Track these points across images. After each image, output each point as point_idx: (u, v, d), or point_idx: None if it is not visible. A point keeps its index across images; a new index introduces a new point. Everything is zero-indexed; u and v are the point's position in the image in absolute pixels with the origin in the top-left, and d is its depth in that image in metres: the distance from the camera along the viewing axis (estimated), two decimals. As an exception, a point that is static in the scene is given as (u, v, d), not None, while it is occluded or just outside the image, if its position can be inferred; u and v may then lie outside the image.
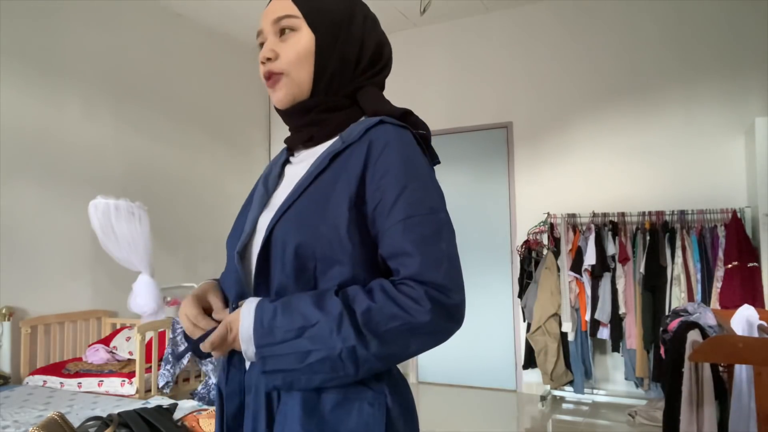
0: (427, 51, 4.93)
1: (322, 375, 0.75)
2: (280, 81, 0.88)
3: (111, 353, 3.36)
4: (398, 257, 0.77)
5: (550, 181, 4.41)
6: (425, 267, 0.75)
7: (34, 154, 3.42)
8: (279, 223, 0.83)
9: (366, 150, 0.82)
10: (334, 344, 0.73)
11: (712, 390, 2.16)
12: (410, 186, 0.80)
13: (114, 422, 1.95)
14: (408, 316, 0.73)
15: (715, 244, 3.61)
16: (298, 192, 0.83)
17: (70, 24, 3.66)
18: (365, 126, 0.84)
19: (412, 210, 0.78)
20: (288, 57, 0.87)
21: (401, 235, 0.77)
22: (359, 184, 0.80)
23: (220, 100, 4.91)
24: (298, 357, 0.74)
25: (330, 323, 0.73)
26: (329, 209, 0.80)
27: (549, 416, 3.87)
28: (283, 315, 0.76)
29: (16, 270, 3.26)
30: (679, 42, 4.04)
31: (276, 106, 0.91)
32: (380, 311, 0.73)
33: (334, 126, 0.89)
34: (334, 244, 0.79)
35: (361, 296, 0.75)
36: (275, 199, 0.91)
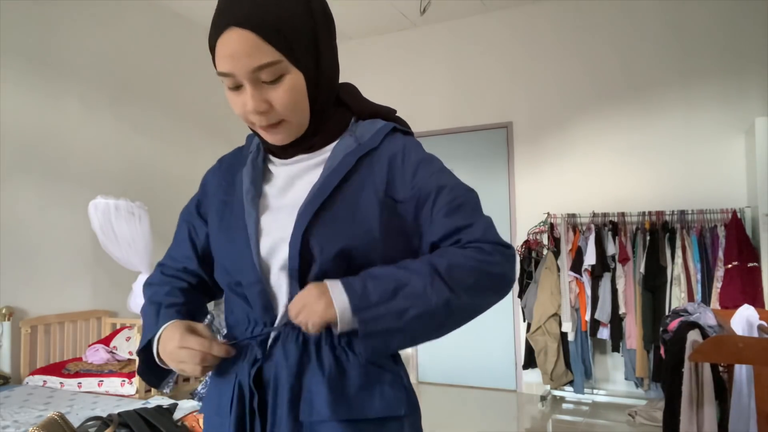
0: (427, 51, 4.93)
1: (419, 330, 0.79)
2: (280, 126, 0.83)
3: (111, 353, 3.36)
4: (455, 233, 0.84)
5: (550, 181, 4.41)
6: (484, 231, 0.84)
7: (34, 154, 3.42)
8: (315, 228, 0.81)
9: (389, 156, 0.88)
10: (429, 299, 0.78)
11: (712, 390, 2.15)
12: (441, 176, 0.88)
13: (114, 422, 1.95)
14: (487, 266, 0.81)
15: (715, 244, 3.61)
16: (325, 194, 0.83)
17: (70, 24, 3.66)
18: (381, 132, 0.90)
19: (453, 194, 0.85)
20: (284, 106, 0.81)
21: (453, 215, 0.84)
22: (387, 188, 0.85)
23: (220, 100, 4.90)
24: (397, 315, 0.77)
25: (423, 280, 0.78)
26: (361, 211, 0.83)
27: (549, 416, 3.87)
28: (373, 281, 0.78)
29: (16, 270, 3.26)
30: (678, 42, 4.04)
31: (276, 143, 0.87)
32: (463, 266, 0.80)
33: (333, 130, 0.90)
34: (369, 245, 0.83)
35: (437, 258, 0.81)
36: (281, 202, 0.88)
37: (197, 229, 0.98)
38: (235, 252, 0.86)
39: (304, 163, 0.90)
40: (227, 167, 0.97)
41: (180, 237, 1.00)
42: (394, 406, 0.84)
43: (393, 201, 0.85)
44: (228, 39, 0.77)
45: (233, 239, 0.87)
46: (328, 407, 0.79)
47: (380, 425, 0.82)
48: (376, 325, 0.76)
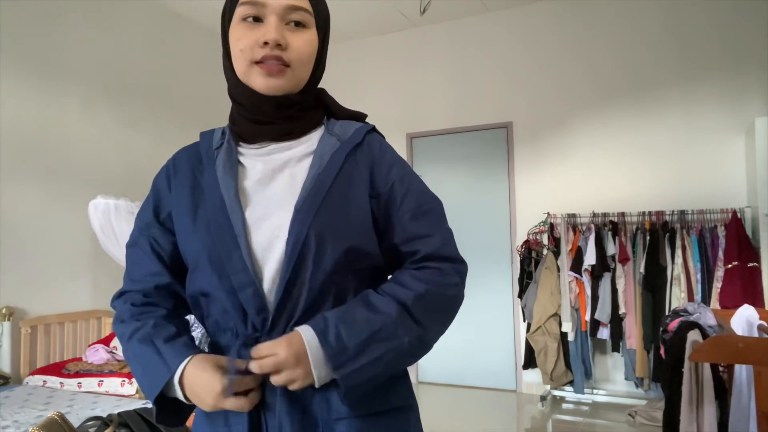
0: (427, 51, 4.93)
1: (395, 366, 0.81)
2: (284, 72, 0.84)
3: (111, 353, 3.36)
4: (417, 240, 0.86)
5: (550, 181, 4.41)
6: (442, 244, 0.87)
7: (34, 154, 3.42)
8: (316, 225, 0.81)
9: (370, 152, 0.90)
10: (402, 340, 0.79)
11: (712, 390, 2.15)
12: (411, 179, 0.91)
13: (114, 422, 1.95)
14: (447, 290, 0.85)
15: (715, 244, 3.61)
16: (324, 190, 0.83)
17: (70, 24, 3.66)
18: (363, 130, 0.92)
19: (419, 200, 0.89)
20: (299, 51, 0.85)
21: (417, 221, 0.87)
22: (371, 182, 0.88)
23: (220, 100, 4.90)
24: (374, 362, 0.78)
25: (393, 323, 0.79)
26: (354, 204, 0.85)
27: (549, 416, 3.87)
28: (347, 330, 0.77)
29: (16, 270, 3.26)
30: (678, 42, 4.04)
31: (265, 91, 0.85)
32: (426, 297, 0.82)
33: (309, 123, 0.91)
34: (364, 237, 0.85)
35: (402, 289, 0.82)
36: (263, 196, 0.85)
37: (159, 239, 0.89)
38: (221, 252, 0.81)
39: (284, 154, 0.89)
40: (184, 165, 0.92)
41: (138, 256, 0.90)
42: (406, 396, 0.88)
43: (375, 193, 0.87)
44: None
45: (217, 239, 0.82)
46: (347, 405, 0.79)
47: (394, 416, 0.85)
48: (359, 377, 0.77)
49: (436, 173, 4.82)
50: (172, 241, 0.89)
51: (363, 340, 0.77)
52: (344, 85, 5.05)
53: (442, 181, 4.79)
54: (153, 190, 0.93)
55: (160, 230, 0.90)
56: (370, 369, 0.77)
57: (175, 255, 0.89)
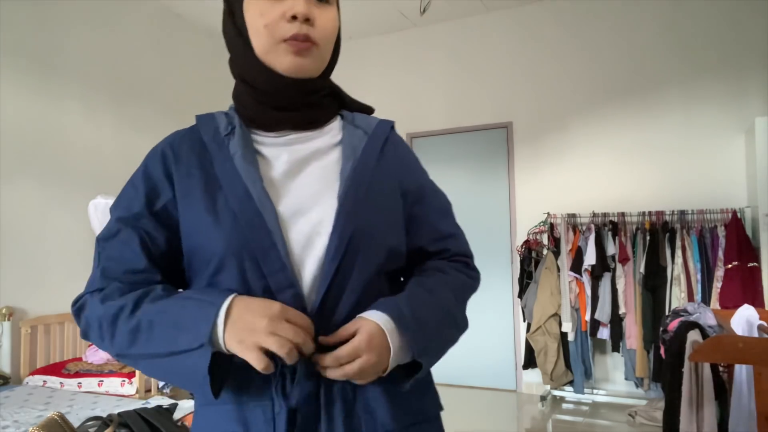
0: (427, 51, 4.93)
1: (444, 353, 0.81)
2: (311, 51, 0.77)
3: (111, 353, 3.35)
4: (447, 239, 0.88)
5: (550, 181, 4.41)
6: (466, 244, 0.91)
7: (34, 154, 3.42)
8: (358, 218, 0.75)
9: (395, 147, 0.88)
10: (461, 322, 0.84)
11: (712, 390, 2.16)
12: (428, 178, 0.92)
13: (114, 422, 1.95)
14: (476, 286, 0.90)
15: (715, 244, 3.61)
16: (364, 183, 0.78)
17: (70, 24, 3.66)
18: (387, 125, 0.89)
19: (440, 199, 0.91)
20: (326, 29, 0.79)
21: (444, 220, 0.89)
22: (400, 178, 0.85)
23: (220, 100, 4.91)
24: (441, 348, 0.80)
25: (452, 308, 0.82)
26: (391, 201, 0.82)
27: (549, 416, 3.87)
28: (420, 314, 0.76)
29: (16, 270, 3.26)
30: (678, 42, 4.04)
31: (291, 72, 0.77)
32: (467, 285, 0.87)
33: (330, 112, 0.86)
34: (400, 236, 0.82)
35: (448, 277, 0.84)
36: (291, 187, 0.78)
37: (152, 232, 0.77)
38: (255, 251, 0.72)
39: (308, 145, 0.82)
40: (187, 152, 0.80)
41: (119, 250, 0.77)
42: (438, 402, 0.87)
43: (401, 194, 0.84)
44: None
45: (250, 236, 0.72)
46: (391, 416, 0.75)
47: (433, 424, 0.84)
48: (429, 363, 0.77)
49: (436, 173, 4.78)
50: (166, 237, 0.77)
51: (435, 325, 0.77)
52: (344, 85, 5.00)
53: (442, 181, 4.73)
54: (144, 178, 0.79)
55: (153, 223, 0.77)
56: (437, 355, 0.79)
57: (167, 253, 0.78)
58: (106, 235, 0.79)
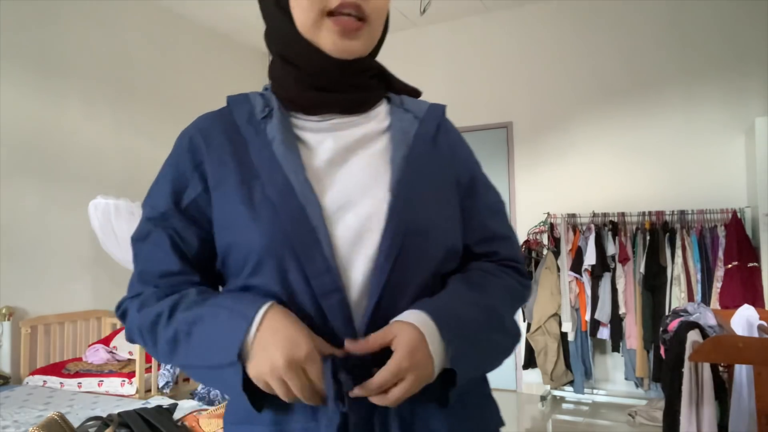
0: (427, 51, 4.93)
1: (491, 367, 0.74)
2: (361, 29, 0.69)
3: (111, 353, 3.36)
4: (497, 240, 0.78)
5: (550, 181, 4.40)
6: (517, 248, 0.81)
7: (34, 154, 3.42)
8: (414, 212, 0.67)
9: (447, 134, 0.79)
10: (511, 329, 0.73)
11: (712, 390, 2.15)
12: (482, 171, 0.82)
13: (114, 422, 1.95)
14: (526, 295, 0.80)
15: (715, 244, 3.61)
16: (418, 174, 0.70)
17: (70, 24, 3.66)
18: (439, 109, 0.81)
19: (494, 196, 0.81)
20: (378, 6, 0.70)
21: (495, 219, 0.79)
22: (453, 167, 0.77)
23: (220, 100, 4.89)
24: (486, 355, 0.71)
25: (505, 308, 0.73)
26: (447, 194, 0.74)
27: (549, 416, 3.87)
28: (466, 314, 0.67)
29: (16, 270, 3.26)
30: (679, 42, 4.04)
31: (337, 53, 0.69)
32: (517, 291, 0.77)
33: (378, 94, 0.78)
34: (458, 234, 0.74)
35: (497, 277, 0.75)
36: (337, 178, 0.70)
37: (182, 232, 0.70)
38: (297, 248, 0.63)
39: (354, 131, 0.73)
40: (220, 137, 0.72)
41: (151, 253, 0.71)
42: (499, 417, 0.79)
43: (456, 182, 0.76)
44: None
45: (292, 232, 0.64)
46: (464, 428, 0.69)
47: None
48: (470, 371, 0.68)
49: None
50: (198, 235, 0.71)
51: (478, 326, 0.67)
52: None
53: (442, 181, 4.79)
54: (170, 170, 0.73)
55: (182, 221, 0.70)
56: (480, 363, 0.70)
57: (201, 252, 0.71)
58: (138, 236, 0.74)
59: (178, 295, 0.68)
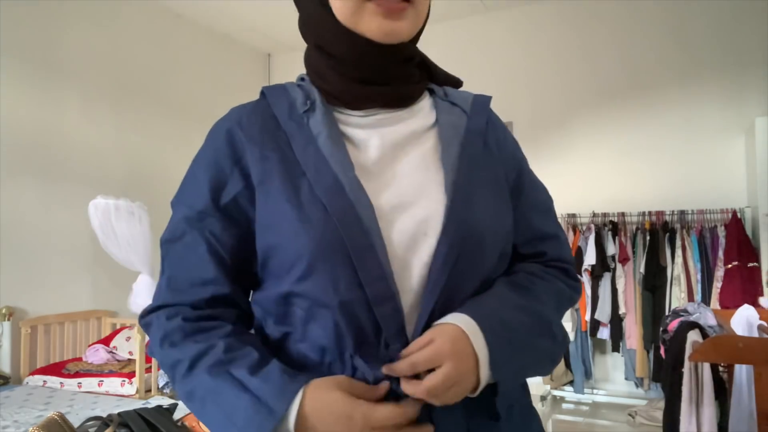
0: (427, 51, 4.88)
1: (536, 374, 0.71)
2: (406, 11, 0.64)
3: (111, 353, 3.36)
4: (546, 240, 0.74)
5: (550, 181, 4.33)
6: (567, 249, 0.77)
7: (34, 154, 3.42)
8: (472, 215, 0.63)
9: (494, 128, 0.75)
10: (557, 335, 0.68)
11: (712, 390, 2.15)
12: (529, 168, 0.79)
13: (114, 422, 1.95)
14: (576, 297, 0.75)
15: (715, 244, 3.61)
16: (473, 173, 0.66)
17: (70, 24, 3.66)
18: (486, 100, 0.76)
19: (543, 194, 0.78)
20: None
21: (543, 218, 0.75)
22: (503, 164, 0.73)
23: (220, 100, 4.91)
24: (531, 361, 0.67)
25: (550, 314, 0.68)
26: (501, 194, 0.70)
27: (549, 416, 3.87)
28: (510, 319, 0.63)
29: (16, 270, 3.26)
30: (678, 42, 4.04)
31: (382, 38, 0.64)
32: (564, 294, 0.73)
33: (421, 86, 0.73)
34: (510, 236, 0.70)
35: (545, 281, 0.71)
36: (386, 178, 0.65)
37: (219, 233, 0.65)
38: (349, 253, 0.59)
39: (400, 126, 0.68)
40: (260, 132, 0.67)
41: (185, 257, 0.66)
42: (542, 424, 0.77)
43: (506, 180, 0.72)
44: None
45: (345, 233, 0.59)
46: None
47: None
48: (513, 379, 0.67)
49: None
50: (236, 236, 0.65)
51: (526, 335, 0.64)
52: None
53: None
54: (207, 165, 0.67)
55: (220, 221, 0.65)
56: (525, 369, 0.67)
57: (237, 254, 0.66)
58: (171, 237, 0.68)
59: (201, 341, 0.61)
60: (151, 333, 0.66)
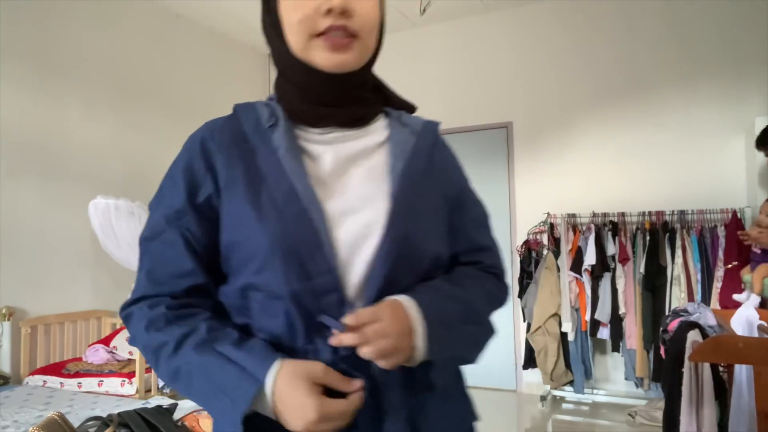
0: (427, 51, 4.93)
1: (469, 359, 0.80)
2: (352, 44, 0.73)
3: (111, 353, 3.36)
4: (482, 251, 0.85)
5: (550, 181, 4.40)
6: (500, 259, 0.88)
7: (34, 154, 3.42)
8: (411, 221, 0.73)
9: (440, 149, 0.85)
10: (486, 324, 0.81)
11: (712, 390, 2.15)
12: (470, 186, 0.89)
13: (114, 422, 1.95)
14: (504, 300, 0.87)
15: (715, 244, 3.61)
16: (415, 185, 0.76)
17: (70, 24, 3.66)
18: (434, 125, 0.86)
19: (479, 209, 0.88)
20: (367, 19, 0.74)
21: (480, 231, 0.87)
22: (445, 181, 0.82)
23: (220, 100, 4.91)
24: (464, 342, 0.77)
25: (483, 304, 0.80)
26: (438, 206, 0.79)
27: (549, 416, 3.87)
28: (445, 302, 0.74)
29: (16, 270, 3.26)
30: (679, 42, 4.04)
31: (329, 68, 0.73)
32: (494, 295, 0.84)
33: (375, 109, 0.82)
34: (445, 244, 0.80)
35: (478, 279, 0.82)
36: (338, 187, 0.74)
37: (194, 229, 0.73)
38: (301, 249, 0.68)
39: (354, 144, 0.78)
40: (229, 143, 0.76)
41: (164, 252, 0.73)
42: (473, 412, 0.86)
43: (446, 197, 0.82)
44: None
45: (296, 233, 0.68)
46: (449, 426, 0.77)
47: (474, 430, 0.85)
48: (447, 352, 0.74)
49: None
50: (209, 233, 0.74)
51: (458, 315, 0.75)
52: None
53: (442, 181, 4.78)
54: (182, 170, 0.75)
55: (196, 218, 0.73)
56: (457, 347, 0.76)
57: (210, 249, 0.74)
58: (150, 235, 0.75)
59: (186, 328, 0.69)
60: (133, 322, 0.73)
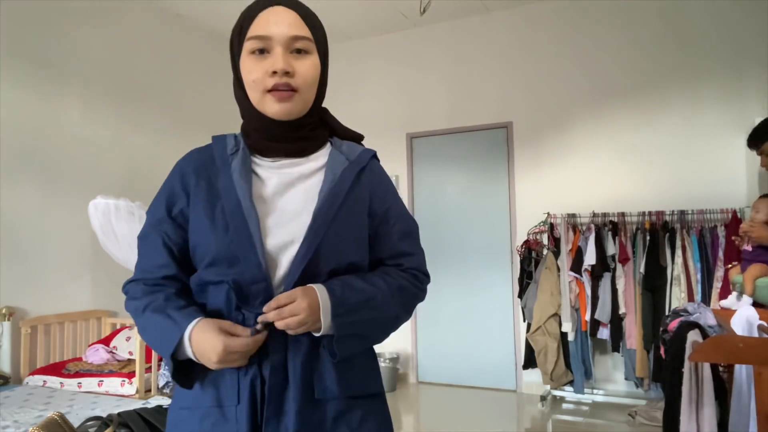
0: (427, 51, 4.93)
1: (374, 333, 0.97)
2: (293, 97, 0.94)
3: (111, 353, 3.36)
4: (403, 256, 1.03)
5: (550, 181, 4.40)
6: (420, 263, 1.06)
7: (34, 154, 3.42)
8: (327, 231, 0.92)
9: (371, 175, 1.03)
10: (389, 312, 0.97)
11: (712, 390, 2.15)
12: (400, 204, 1.07)
13: (114, 422, 1.95)
14: (420, 294, 1.04)
15: (715, 244, 3.61)
16: (338, 202, 0.95)
17: (70, 24, 3.66)
18: (368, 154, 1.04)
19: (406, 223, 1.05)
20: (305, 77, 0.95)
21: (403, 241, 1.04)
22: (370, 201, 1.01)
23: (219, 100, 4.91)
24: (364, 323, 0.93)
25: (386, 296, 0.95)
26: (358, 220, 0.98)
27: (549, 416, 3.87)
28: (349, 292, 0.91)
29: (16, 270, 3.26)
30: (679, 42, 4.04)
31: (278, 116, 0.95)
32: (407, 289, 1.00)
33: (318, 142, 1.03)
34: (363, 253, 0.99)
35: (390, 278, 0.98)
36: (277, 205, 0.95)
37: (171, 234, 0.98)
38: (237, 251, 0.90)
39: (296, 169, 0.99)
40: (199, 167, 1.00)
41: (149, 249, 0.99)
42: (380, 382, 1.03)
43: (369, 215, 1.00)
44: (276, 11, 0.95)
45: (235, 239, 0.90)
46: (338, 386, 0.92)
47: (373, 400, 0.99)
48: (348, 329, 0.91)
49: (436, 173, 4.82)
50: (182, 236, 0.97)
51: (360, 301, 0.92)
52: (344, 85, 5.04)
53: (441, 181, 4.79)
54: (166, 188, 1.01)
55: (172, 226, 0.98)
56: (359, 326, 0.93)
57: (184, 249, 0.98)
58: (141, 235, 1.01)
59: (152, 296, 0.95)
60: (127, 295, 1.01)
